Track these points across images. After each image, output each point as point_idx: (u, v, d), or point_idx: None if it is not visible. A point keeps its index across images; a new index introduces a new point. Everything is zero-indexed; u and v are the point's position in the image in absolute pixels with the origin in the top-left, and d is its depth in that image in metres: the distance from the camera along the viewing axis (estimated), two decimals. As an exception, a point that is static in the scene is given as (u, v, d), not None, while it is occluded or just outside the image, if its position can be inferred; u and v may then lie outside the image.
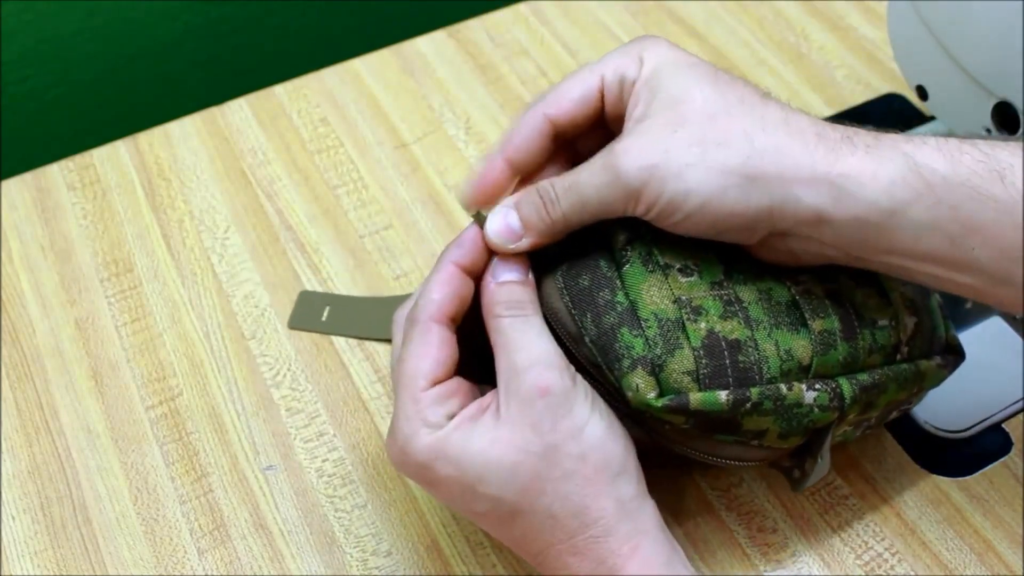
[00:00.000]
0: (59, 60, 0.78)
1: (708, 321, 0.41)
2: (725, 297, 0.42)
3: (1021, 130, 0.51)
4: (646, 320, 0.41)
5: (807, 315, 0.42)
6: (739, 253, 0.43)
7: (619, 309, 0.41)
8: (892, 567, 0.48)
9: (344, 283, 0.59)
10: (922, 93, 0.57)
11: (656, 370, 0.41)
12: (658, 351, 0.41)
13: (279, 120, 0.68)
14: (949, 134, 0.39)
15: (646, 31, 0.73)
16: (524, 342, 0.41)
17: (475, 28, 0.74)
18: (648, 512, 0.41)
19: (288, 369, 0.56)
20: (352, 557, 0.49)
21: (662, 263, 0.42)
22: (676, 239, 0.42)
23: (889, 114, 0.67)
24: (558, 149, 0.44)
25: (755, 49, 0.71)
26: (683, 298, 0.42)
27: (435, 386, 0.41)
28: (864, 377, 0.43)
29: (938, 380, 0.46)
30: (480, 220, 0.43)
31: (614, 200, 0.40)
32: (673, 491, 0.50)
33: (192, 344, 0.57)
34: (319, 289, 0.59)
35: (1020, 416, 0.52)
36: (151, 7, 0.79)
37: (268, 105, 0.69)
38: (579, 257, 0.43)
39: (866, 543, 0.49)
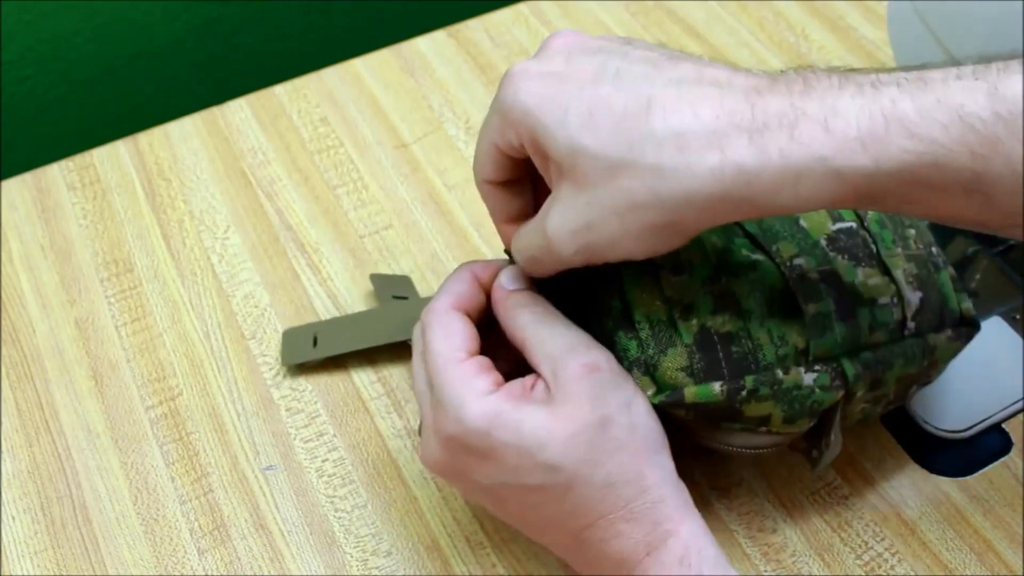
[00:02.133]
0: (59, 60, 0.78)
1: (699, 317, 0.42)
2: (717, 292, 0.43)
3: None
4: (639, 322, 0.43)
5: (800, 300, 0.43)
6: (730, 243, 0.44)
7: (615, 313, 0.43)
8: (892, 567, 0.48)
9: (344, 283, 0.59)
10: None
11: (651, 370, 0.42)
12: (651, 352, 0.42)
13: (279, 120, 0.68)
14: (875, 87, 0.35)
15: (646, 31, 0.73)
16: (555, 332, 0.42)
17: (475, 28, 0.74)
18: (685, 488, 0.42)
19: (288, 369, 0.56)
20: (352, 557, 0.49)
21: (654, 263, 0.43)
22: None
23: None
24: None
25: (755, 49, 0.71)
26: (674, 297, 0.43)
27: (472, 358, 0.42)
28: (867, 355, 0.43)
29: (952, 352, 0.46)
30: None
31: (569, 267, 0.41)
32: (673, 491, 0.50)
33: (192, 344, 0.57)
34: (319, 289, 0.59)
35: (1020, 416, 0.52)
36: (151, 7, 0.79)
37: (268, 105, 0.69)
38: None
39: (866, 543, 0.49)
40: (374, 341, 0.55)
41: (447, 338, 0.43)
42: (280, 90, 0.70)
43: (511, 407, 0.40)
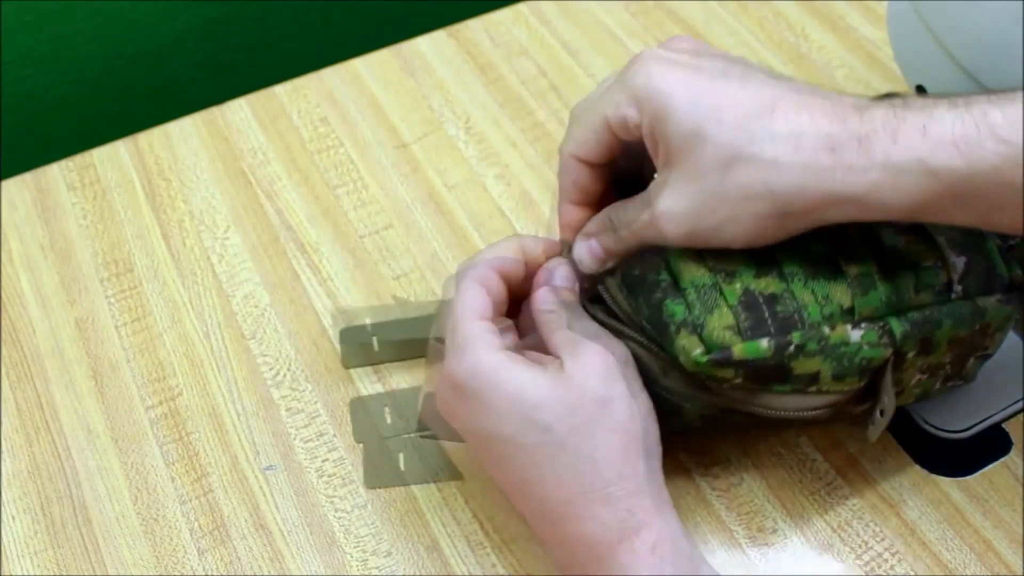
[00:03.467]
0: (59, 60, 0.78)
1: (742, 281, 0.43)
2: (758, 258, 0.44)
3: None
4: (685, 288, 0.44)
5: (842, 262, 0.44)
6: None
7: (663, 285, 0.44)
8: (892, 567, 0.48)
9: (344, 283, 0.59)
10: (922, 93, 0.57)
11: (698, 329, 0.43)
12: (696, 312, 0.43)
13: (279, 120, 0.68)
14: (968, 102, 0.38)
15: (646, 31, 0.73)
16: (582, 325, 0.45)
17: (475, 28, 0.74)
18: (667, 495, 0.43)
19: (288, 369, 0.56)
20: (352, 557, 0.49)
21: None
22: None
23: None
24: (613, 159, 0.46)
25: (755, 49, 0.71)
26: (716, 265, 0.44)
27: (495, 322, 0.45)
28: (914, 314, 0.44)
29: (1004, 318, 0.46)
30: (567, 246, 0.48)
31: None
32: (673, 491, 0.50)
33: (192, 344, 0.57)
34: (319, 289, 0.59)
35: (1020, 416, 0.52)
36: (151, 7, 0.79)
37: (268, 105, 0.69)
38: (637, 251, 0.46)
39: (866, 543, 0.49)
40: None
41: (480, 296, 0.45)
42: (280, 90, 0.70)
43: (522, 367, 0.42)
